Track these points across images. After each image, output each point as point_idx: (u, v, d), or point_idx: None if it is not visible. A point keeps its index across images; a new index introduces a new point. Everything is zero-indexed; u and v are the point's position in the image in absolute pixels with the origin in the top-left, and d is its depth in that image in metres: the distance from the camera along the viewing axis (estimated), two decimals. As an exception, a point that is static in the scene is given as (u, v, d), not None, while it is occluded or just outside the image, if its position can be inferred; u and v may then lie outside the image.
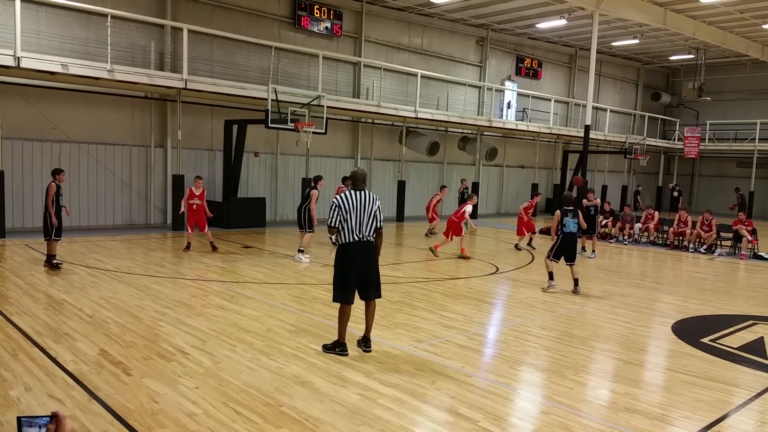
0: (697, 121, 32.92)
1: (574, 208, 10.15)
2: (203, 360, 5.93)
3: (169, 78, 15.32)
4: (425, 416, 4.86)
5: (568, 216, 10.04)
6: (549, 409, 5.11)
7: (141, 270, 10.50)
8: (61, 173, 10.45)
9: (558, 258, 10.11)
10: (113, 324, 7.10)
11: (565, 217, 10.04)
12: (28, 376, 5.32)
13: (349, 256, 6.21)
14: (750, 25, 23.21)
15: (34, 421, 1.55)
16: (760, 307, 9.75)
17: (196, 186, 12.76)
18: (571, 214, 10.06)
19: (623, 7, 20.31)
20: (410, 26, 22.82)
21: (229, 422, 4.54)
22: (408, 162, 22.51)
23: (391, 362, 6.11)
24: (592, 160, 28.80)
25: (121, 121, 16.32)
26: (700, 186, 34.46)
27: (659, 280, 12.39)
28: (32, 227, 14.83)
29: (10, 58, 12.58)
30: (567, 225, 10.01)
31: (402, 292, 9.50)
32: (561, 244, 10.08)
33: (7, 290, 8.65)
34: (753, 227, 16.02)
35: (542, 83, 27.90)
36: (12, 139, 14.48)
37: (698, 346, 7.23)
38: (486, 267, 12.51)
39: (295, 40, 19.35)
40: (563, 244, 10.08)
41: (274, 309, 8.19)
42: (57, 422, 1.57)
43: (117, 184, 16.36)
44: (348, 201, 6.20)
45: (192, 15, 16.97)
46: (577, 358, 6.55)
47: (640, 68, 33.20)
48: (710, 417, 5.05)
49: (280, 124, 15.77)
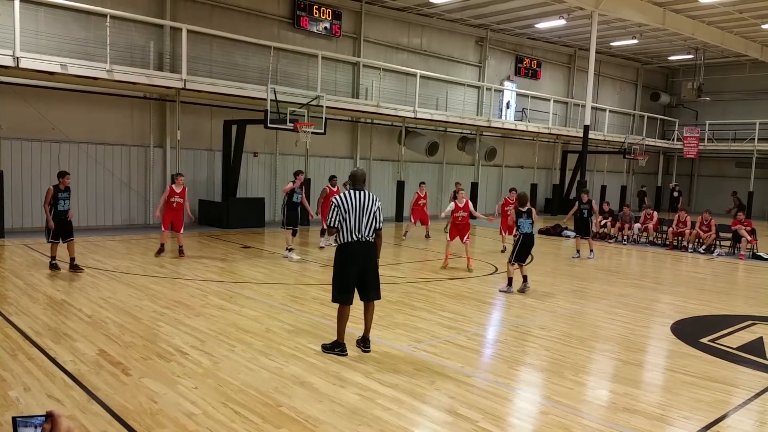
0: (696, 121, 32.93)
1: (529, 208, 9.95)
2: (202, 360, 5.93)
3: (168, 78, 15.31)
4: (424, 416, 4.86)
5: (522, 217, 9.82)
6: (548, 410, 5.11)
7: (140, 270, 10.49)
8: (65, 176, 10.23)
9: (521, 260, 9.85)
10: (112, 324, 7.09)
11: (519, 219, 9.83)
12: (27, 377, 5.31)
13: (348, 256, 6.20)
14: (749, 25, 23.22)
15: (29, 420, 1.54)
16: (759, 307, 9.75)
17: (177, 183, 12.03)
18: (526, 214, 9.83)
19: (622, 7, 20.31)
20: (409, 26, 22.82)
21: (228, 422, 4.54)
22: (407, 162, 22.51)
23: (391, 362, 6.11)
24: (591, 160, 28.81)
25: (120, 122, 16.31)
26: (699, 186, 34.46)
27: (658, 280, 12.39)
28: (31, 227, 14.82)
29: (9, 58, 12.56)
30: (522, 226, 9.79)
31: (401, 293, 9.50)
32: (521, 247, 9.82)
33: (7, 290, 8.64)
34: (752, 227, 16.03)
35: (541, 83, 27.91)
36: (11, 140, 14.47)
37: (697, 347, 7.23)
38: (485, 267, 12.51)
39: (294, 40, 19.34)
40: (522, 246, 9.82)
41: (273, 309, 8.19)
42: (52, 422, 1.56)
43: (116, 184, 16.35)
44: (347, 201, 6.20)
45: (191, 15, 16.97)
46: (577, 359, 6.55)
47: (639, 68, 33.22)
48: (709, 417, 5.06)
49: (280, 124, 15.76)
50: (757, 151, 29.02)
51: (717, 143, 31.12)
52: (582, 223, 14.46)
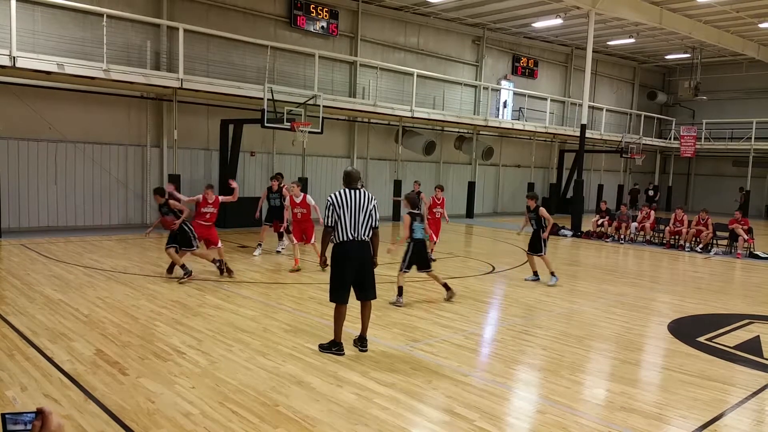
0: (693, 120, 33.00)
1: (419, 212, 9.08)
2: (199, 360, 5.92)
3: (165, 77, 15.29)
4: (422, 416, 4.86)
5: (416, 220, 8.87)
6: (545, 409, 5.11)
7: (137, 270, 10.48)
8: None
9: (410, 268, 8.86)
10: (109, 324, 7.08)
11: (414, 222, 8.83)
12: (24, 376, 5.30)
13: (344, 256, 6.19)
14: (746, 24, 23.26)
15: (19, 418, 1.53)
16: (756, 306, 9.77)
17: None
18: (419, 218, 8.95)
19: (619, 7, 20.33)
20: (406, 26, 22.81)
21: (225, 422, 4.53)
22: (404, 161, 22.52)
23: (388, 362, 6.11)
24: (588, 159, 28.83)
25: (117, 121, 16.28)
26: (696, 185, 34.52)
27: (655, 279, 12.41)
28: (28, 227, 14.81)
29: (6, 57, 12.52)
30: (416, 231, 8.82)
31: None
32: (413, 253, 8.82)
33: (4, 290, 8.62)
34: (749, 226, 16.06)
35: (538, 82, 27.93)
36: (8, 139, 14.44)
37: (695, 345, 7.25)
38: (482, 266, 12.51)
39: (291, 39, 19.33)
40: (415, 252, 8.83)
41: (271, 309, 8.18)
42: (42, 418, 1.55)
43: (113, 183, 16.32)
44: (342, 200, 6.19)
45: (188, 14, 16.94)
46: (574, 358, 6.56)
47: (636, 67, 33.26)
48: (707, 416, 5.06)
49: (277, 123, 15.74)
50: (753, 150, 29.09)
51: (714, 142, 31.18)
52: (533, 236, 10.95)
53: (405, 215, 8.96)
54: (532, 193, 11.24)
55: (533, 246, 10.85)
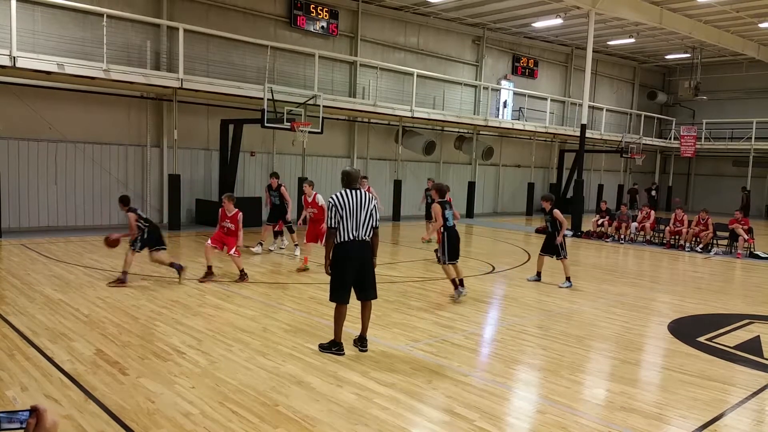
0: (694, 120, 32.99)
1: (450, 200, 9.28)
2: (199, 360, 5.92)
3: (165, 77, 15.29)
4: (422, 415, 4.86)
5: (447, 209, 9.07)
6: (545, 409, 5.12)
7: (137, 269, 10.47)
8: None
9: (454, 257, 9.00)
10: (109, 324, 7.08)
11: (445, 211, 9.01)
12: (25, 376, 5.30)
13: (345, 256, 6.19)
14: (746, 24, 23.25)
15: (14, 416, 1.53)
16: (756, 306, 9.77)
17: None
18: (449, 206, 9.18)
19: (619, 6, 20.32)
20: (406, 25, 22.81)
21: (225, 422, 4.53)
22: (404, 161, 22.52)
23: (388, 362, 6.11)
24: (588, 159, 28.84)
25: (117, 121, 16.28)
26: (696, 185, 34.52)
27: (656, 279, 12.41)
28: (28, 227, 14.80)
29: (6, 57, 12.52)
30: (449, 219, 9.03)
31: (398, 292, 9.49)
32: (450, 242, 8.98)
33: (4, 290, 8.62)
34: (749, 226, 16.06)
35: (538, 82, 27.93)
36: (8, 139, 14.44)
37: (695, 345, 7.25)
38: (482, 266, 12.51)
39: (291, 39, 19.33)
40: (452, 240, 9.01)
41: (271, 308, 8.18)
42: (37, 416, 1.55)
43: (113, 183, 16.31)
44: (344, 200, 6.19)
45: (188, 14, 16.94)
46: (574, 358, 6.56)
47: (636, 67, 33.26)
48: (707, 416, 5.06)
49: (277, 123, 15.74)
50: (754, 150, 29.10)
51: (714, 142, 31.19)
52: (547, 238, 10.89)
53: (435, 205, 9.03)
54: (547, 195, 10.89)
55: (547, 247, 10.74)
